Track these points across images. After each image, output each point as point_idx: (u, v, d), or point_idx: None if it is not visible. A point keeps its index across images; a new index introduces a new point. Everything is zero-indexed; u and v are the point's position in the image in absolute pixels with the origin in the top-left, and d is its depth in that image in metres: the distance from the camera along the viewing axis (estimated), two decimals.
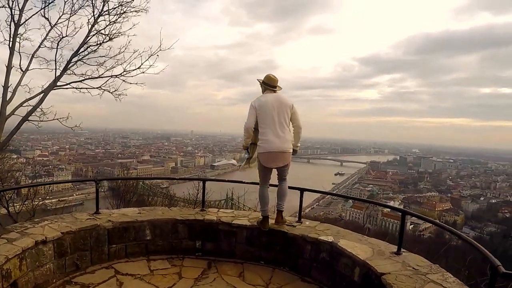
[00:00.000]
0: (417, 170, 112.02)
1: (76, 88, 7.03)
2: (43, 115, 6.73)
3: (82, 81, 6.99)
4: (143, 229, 4.72)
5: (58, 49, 6.82)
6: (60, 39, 6.70)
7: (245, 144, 4.68)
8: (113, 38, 6.89)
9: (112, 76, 7.16)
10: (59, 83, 6.86)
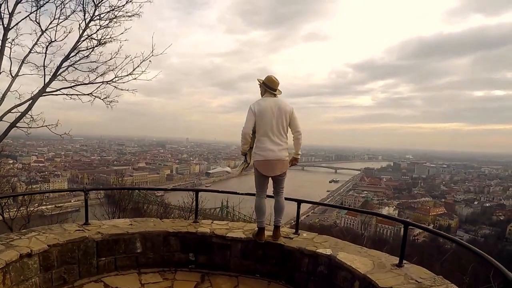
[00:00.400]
0: (411, 176, 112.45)
1: (67, 95, 6.87)
2: (32, 122, 6.56)
3: (72, 87, 6.84)
4: (133, 241, 4.54)
5: (49, 54, 6.68)
6: (49, 44, 6.55)
7: (242, 151, 4.48)
8: (104, 43, 6.76)
9: (103, 82, 6.99)
10: (49, 89, 6.70)
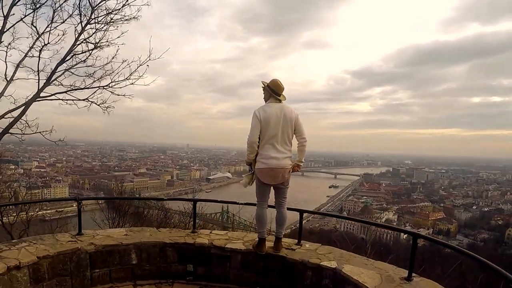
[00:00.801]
0: (410, 181, 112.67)
1: (62, 100, 6.70)
2: (27, 128, 6.38)
3: (67, 92, 6.66)
4: (128, 252, 4.35)
5: (46, 59, 6.52)
6: (42, 47, 6.38)
7: (248, 160, 4.26)
8: (100, 47, 6.59)
9: (99, 87, 6.81)
10: (44, 94, 6.54)
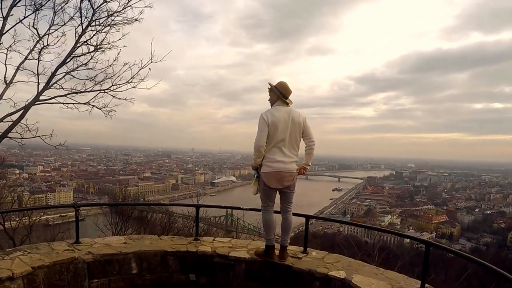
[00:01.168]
0: (413, 184, 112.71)
1: (63, 103, 6.58)
2: (27, 132, 6.26)
3: (67, 95, 6.53)
4: (128, 262, 4.16)
5: (48, 62, 6.41)
6: (41, 49, 6.25)
7: (254, 164, 4.08)
8: (101, 49, 6.46)
9: (100, 91, 6.68)
10: (44, 98, 6.42)
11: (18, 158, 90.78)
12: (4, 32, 5.97)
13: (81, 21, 6.45)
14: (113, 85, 6.68)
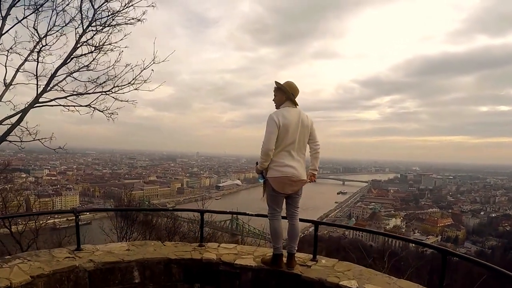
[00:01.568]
0: (418, 187, 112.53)
1: (64, 106, 6.49)
2: (27, 135, 6.15)
3: (68, 97, 6.44)
4: (130, 270, 4.01)
5: (49, 64, 6.31)
6: (40, 49, 6.17)
7: (260, 168, 3.86)
8: (103, 50, 6.37)
9: (101, 93, 6.58)
10: (44, 100, 6.31)
11: (24, 162, 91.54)
12: (3, 33, 5.89)
13: (81, 20, 6.36)
14: (115, 87, 6.57)
